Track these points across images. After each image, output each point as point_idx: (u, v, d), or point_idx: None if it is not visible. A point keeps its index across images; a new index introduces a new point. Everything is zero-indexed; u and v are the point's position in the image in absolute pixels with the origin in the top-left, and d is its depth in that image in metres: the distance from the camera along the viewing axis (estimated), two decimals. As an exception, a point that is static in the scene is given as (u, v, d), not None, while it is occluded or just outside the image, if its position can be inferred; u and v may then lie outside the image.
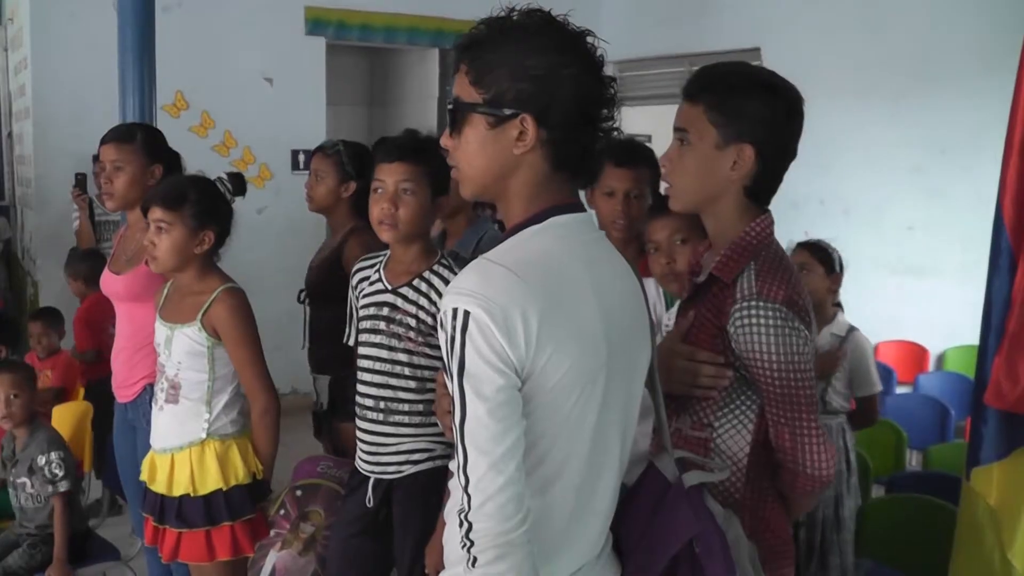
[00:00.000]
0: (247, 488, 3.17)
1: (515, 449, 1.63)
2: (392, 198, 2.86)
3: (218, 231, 3.17)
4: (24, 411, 3.93)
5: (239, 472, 3.15)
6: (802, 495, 2.18)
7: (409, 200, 2.86)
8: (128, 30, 4.88)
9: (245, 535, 3.18)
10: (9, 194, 9.39)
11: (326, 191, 3.92)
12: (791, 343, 2.04)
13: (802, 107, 2.16)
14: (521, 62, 1.72)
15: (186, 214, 3.10)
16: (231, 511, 3.14)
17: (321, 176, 3.93)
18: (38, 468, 3.85)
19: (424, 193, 2.88)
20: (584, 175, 1.86)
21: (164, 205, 3.10)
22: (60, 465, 3.81)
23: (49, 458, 3.83)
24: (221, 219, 3.18)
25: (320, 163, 3.94)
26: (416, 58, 9.13)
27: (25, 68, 7.65)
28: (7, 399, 3.88)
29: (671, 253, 2.86)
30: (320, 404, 3.90)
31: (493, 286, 1.64)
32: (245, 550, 3.19)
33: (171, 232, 3.09)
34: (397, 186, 2.87)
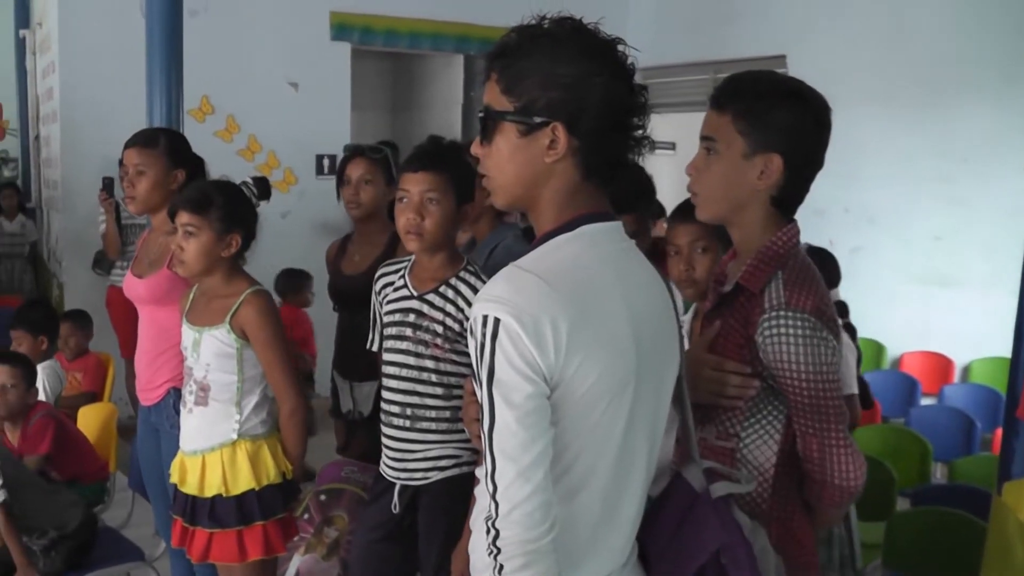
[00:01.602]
0: (278, 488, 3.19)
1: (543, 457, 1.63)
2: (417, 208, 2.86)
3: (244, 234, 3.18)
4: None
5: (270, 472, 3.17)
6: (830, 506, 2.16)
7: (434, 209, 2.86)
8: (156, 35, 4.90)
9: (277, 534, 3.19)
10: (36, 197, 9.44)
11: (377, 196, 3.90)
12: (819, 353, 2.03)
13: (830, 117, 2.15)
14: (552, 70, 1.71)
15: (213, 218, 3.12)
16: (263, 510, 3.15)
17: (368, 180, 3.90)
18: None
19: (449, 201, 2.88)
20: (615, 183, 1.84)
21: (191, 209, 3.12)
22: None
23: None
24: (247, 223, 3.20)
25: (365, 168, 3.91)
26: (441, 63, 9.14)
27: (53, 72, 7.70)
28: None
29: (691, 260, 2.86)
30: (358, 413, 3.86)
31: (524, 294, 1.64)
32: (277, 549, 3.20)
33: (198, 236, 3.11)
34: (422, 196, 2.86)
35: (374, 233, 3.92)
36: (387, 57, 9.70)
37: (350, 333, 3.87)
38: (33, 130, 9.44)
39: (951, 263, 6.90)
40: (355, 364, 3.83)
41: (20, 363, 4.31)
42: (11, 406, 4.18)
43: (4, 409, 4.16)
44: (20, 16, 10.14)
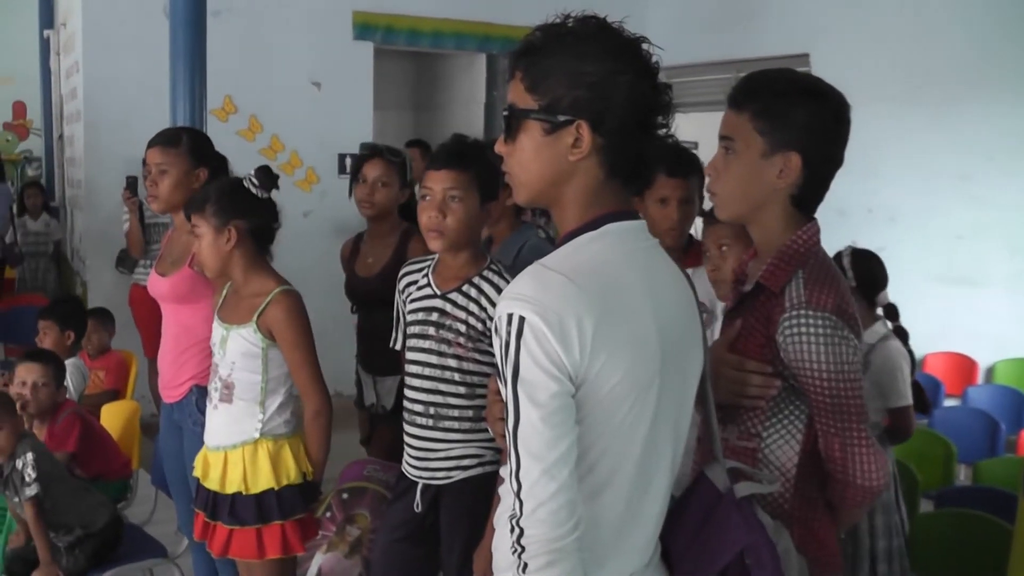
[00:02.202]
0: (299, 488, 3.19)
1: (568, 455, 1.63)
2: (440, 206, 2.85)
3: (246, 226, 3.19)
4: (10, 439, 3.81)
5: (291, 472, 3.18)
6: (852, 506, 2.15)
7: (456, 207, 2.85)
8: (179, 35, 4.93)
9: (295, 534, 3.20)
10: (59, 196, 9.50)
11: (391, 198, 3.91)
12: (841, 352, 2.02)
13: (848, 114, 2.14)
14: (577, 68, 1.72)
15: (208, 214, 3.17)
16: (282, 510, 3.16)
17: (385, 183, 3.92)
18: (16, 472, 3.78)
19: (472, 200, 2.87)
20: (639, 182, 1.85)
21: (191, 210, 3.22)
22: (34, 467, 3.74)
23: (26, 460, 3.75)
24: (246, 214, 3.20)
25: (383, 170, 3.93)
26: (463, 63, 9.16)
27: (77, 72, 7.75)
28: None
29: (716, 261, 2.92)
30: (381, 407, 3.88)
31: (549, 292, 1.64)
32: (295, 549, 3.21)
33: (202, 235, 3.18)
34: (444, 194, 2.86)
35: (385, 233, 3.96)
36: (409, 56, 9.72)
37: (369, 332, 3.90)
38: (57, 129, 9.50)
39: (974, 263, 6.86)
40: (378, 359, 3.86)
41: (51, 362, 4.36)
42: (42, 404, 4.22)
43: (35, 407, 4.19)
44: (44, 16, 10.20)
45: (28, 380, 4.23)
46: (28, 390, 4.21)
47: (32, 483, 3.72)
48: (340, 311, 7.24)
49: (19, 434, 3.86)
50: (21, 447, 3.79)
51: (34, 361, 4.31)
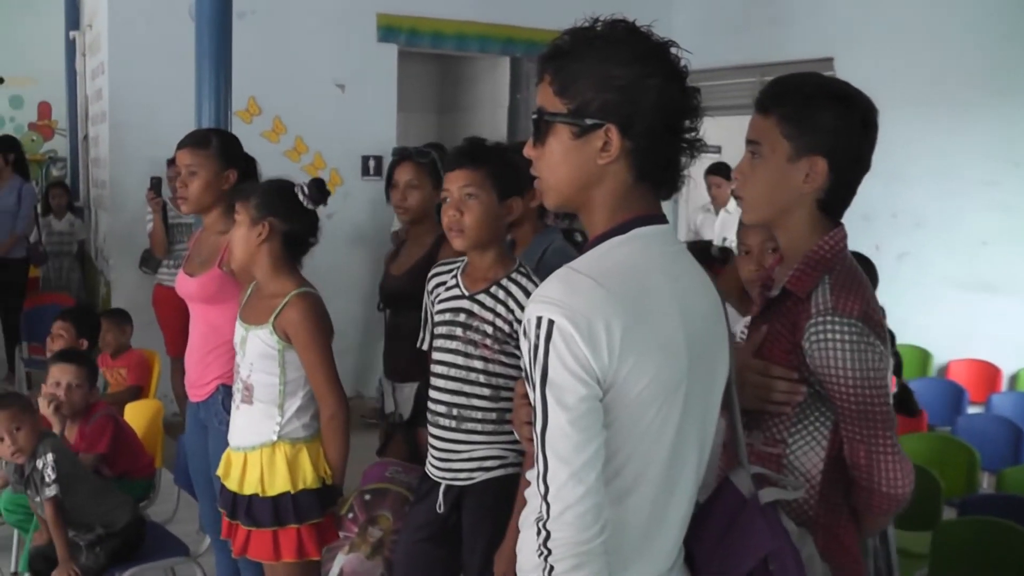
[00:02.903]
0: (316, 493, 3.20)
1: (596, 459, 1.63)
2: (457, 205, 2.88)
3: (282, 228, 3.20)
4: (31, 440, 3.85)
5: (307, 476, 3.18)
6: (878, 514, 2.14)
7: (473, 205, 2.87)
8: (205, 37, 4.96)
9: (311, 539, 3.20)
10: (84, 196, 9.55)
11: (424, 199, 3.92)
12: (867, 359, 2.01)
13: (876, 118, 2.13)
14: (606, 72, 1.72)
15: (251, 205, 3.20)
16: (298, 514, 3.17)
17: (415, 185, 3.91)
18: (36, 472, 3.81)
19: (488, 197, 2.88)
20: (667, 186, 1.85)
21: (237, 198, 3.25)
22: (54, 468, 3.76)
23: (46, 461, 3.77)
24: (285, 216, 3.22)
25: (412, 172, 3.92)
26: (487, 66, 9.16)
27: (102, 73, 7.79)
28: (10, 433, 3.81)
29: (762, 260, 2.91)
30: (399, 415, 3.86)
31: (578, 295, 1.64)
32: (310, 553, 3.21)
33: (239, 223, 3.21)
34: (461, 192, 2.88)
35: (423, 235, 3.94)
36: (433, 59, 9.73)
37: (392, 334, 3.89)
38: (82, 130, 9.55)
39: (998, 269, 6.81)
40: (398, 365, 3.85)
41: (84, 363, 4.40)
42: (75, 405, 4.25)
43: (68, 408, 4.23)
44: (70, 18, 10.26)
45: (62, 381, 4.26)
46: (62, 391, 4.24)
47: (52, 483, 3.74)
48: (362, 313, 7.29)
49: (39, 434, 3.88)
50: (42, 447, 3.81)
51: (68, 362, 4.34)
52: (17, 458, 3.83)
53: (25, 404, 4.01)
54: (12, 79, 12.89)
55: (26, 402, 4.07)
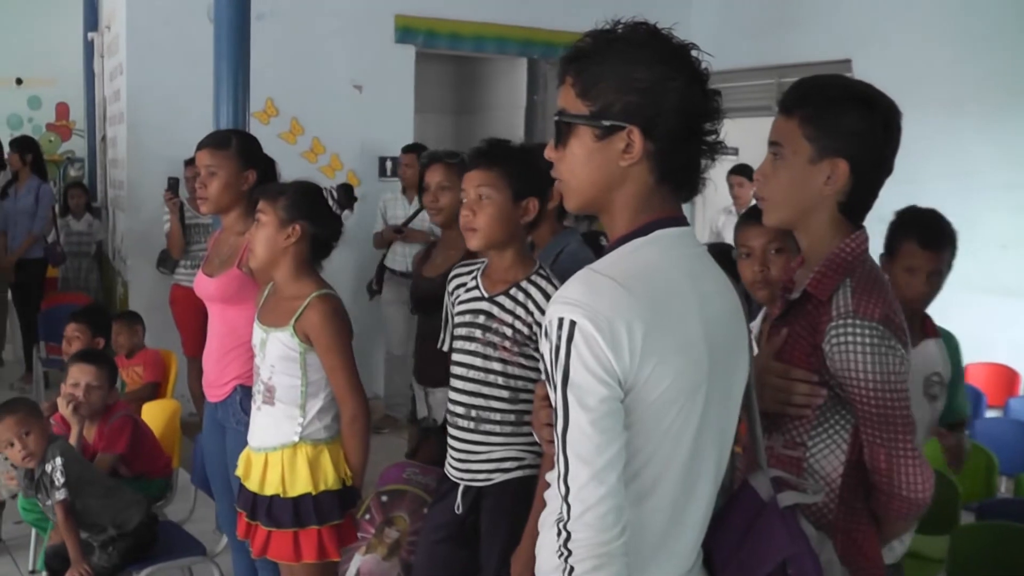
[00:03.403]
0: (337, 494, 3.20)
1: (617, 460, 1.64)
2: (472, 205, 2.89)
3: (311, 231, 3.21)
4: (40, 444, 3.84)
5: (329, 478, 3.18)
6: (897, 518, 2.13)
7: (486, 204, 2.88)
8: (224, 39, 4.96)
9: (332, 540, 3.20)
10: (101, 196, 9.59)
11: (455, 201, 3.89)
12: (888, 362, 2.00)
13: (899, 121, 2.13)
14: (628, 74, 1.72)
15: (279, 206, 3.19)
16: (319, 515, 3.17)
17: (446, 186, 3.91)
18: (46, 476, 3.81)
19: (502, 196, 2.89)
20: (688, 188, 1.85)
21: (263, 197, 3.23)
22: (63, 472, 3.77)
23: (55, 464, 3.78)
24: (315, 220, 3.23)
25: (443, 174, 3.92)
26: (504, 67, 9.16)
27: (120, 74, 7.82)
28: (20, 438, 3.81)
29: (765, 261, 2.90)
30: (432, 419, 3.83)
31: (599, 297, 1.64)
32: (330, 555, 3.21)
33: (263, 225, 3.19)
34: (475, 192, 2.90)
35: (456, 237, 3.91)
36: (451, 60, 9.73)
37: (426, 337, 3.87)
38: (100, 131, 9.58)
39: (1017, 273, 6.77)
40: (430, 370, 3.83)
41: (104, 363, 4.41)
42: (94, 405, 4.27)
43: (87, 408, 4.24)
44: (89, 19, 10.31)
45: (81, 381, 4.27)
46: (81, 391, 4.25)
47: (61, 487, 3.76)
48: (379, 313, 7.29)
49: (48, 437, 3.89)
50: (51, 451, 3.82)
51: (87, 362, 4.36)
52: (28, 462, 3.83)
53: (33, 408, 4.01)
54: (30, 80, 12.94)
55: (34, 406, 4.07)
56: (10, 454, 3.87)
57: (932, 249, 3.10)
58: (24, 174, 8.41)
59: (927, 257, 3.08)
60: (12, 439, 3.81)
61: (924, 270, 3.08)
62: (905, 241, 3.08)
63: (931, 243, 3.11)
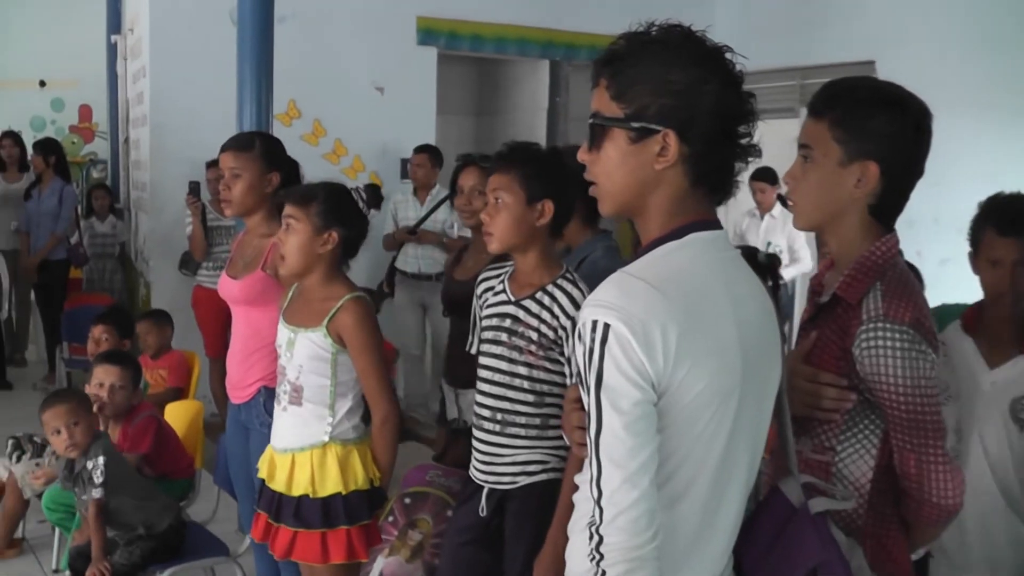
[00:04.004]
0: (365, 494, 3.19)
1: (650, 464, 1.63)
2: (490, 208, 2.89)
3: (344, 235, 3.20)
4: (86, 436, 3.91)
5: (359, 477, 3.17)
6: (927, 525, 2.11)
7: (500, 207, 2.88)
8: (247, 41, 4.98)
9: (360, 540, 3.19)
10: (124, 198, 9.63)
11: None
12: (918, 367, 1.98)
13: (930, 123, 2.11)
14: (663, 77, 1.71)
15: (312, 212, 3.16)
16: (349, 515, 3.15)
17: (482, 191, 3.84)
18: (85, 471, 3.86)
19: (515, 199, 2.87)
20: (722, 191, 1.84)
21: (294, 202, 3.19)
22: (103, 472, 3.81)
23: (96, 463, 3.82)
24: (348, 224, 3.22)
25: (477, 178, 3.90)
26: (526, 69, 9.15)
27: (143, 76, 7.86)
28: (68, 428, 3.87)
29: None
30: (463, 421, 3.81)
31: (633, 300, 1.64)
32: (359, 555, 3.20)
33: (297, 230, 3.16)
34: (491, 195, 2.90)
35: None
36: (472, 62, 9.73)
37: (457, 339, 3.87)
38: (123, 133, 9.62)
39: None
40: (461, 371, 3.82)
41: (129, 364, 4.43)
42: (118, 406, 4.29)
43: (111, 409, 4.27)
44: (112, 22, 10.35)
45: (106, 382, 4.29)
46: (105, 391, 4.27)
47: (99, 486, 3.79)
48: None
49: (94, 433, 3.93)
50: (95, 448, 3.85)
51: (112, 363, 4.37)
52: (70, 452, 3.88)
53: (83, 400, 4.08)
54: (53, 82, 13.05)
55: (84, 398, 4.12)
56: (55, 441, 3.94)
57: (1012, 235, 2.78)
58: (47, 176, 8.46)
59: (1007, 245, 2.78)
60: (60, 427, 3.87)
61: (1007, 260, 2.78)
62: (984, 230, 2.84)
63: (1010, 229, 2.79)
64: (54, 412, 3.91)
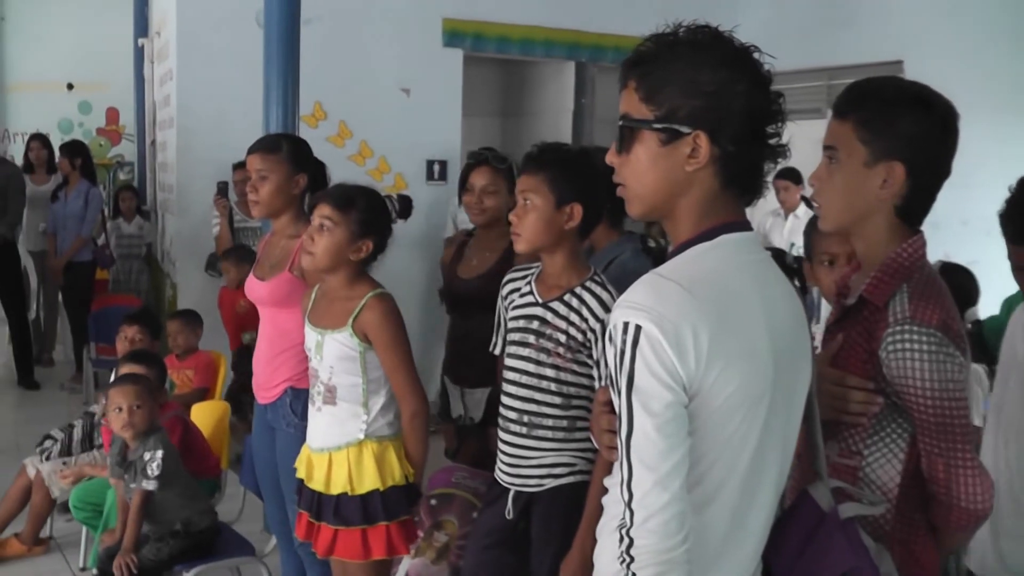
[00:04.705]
0: (402, 490, 3.20)
1: (681, 466, 1.63)
2: (519, 209, 2.88)
3: (376, 244, 3.22)
4: (145, 422, 3.95)
5: (395, 473, 3.19)
6: (956, 530, 2.09)
7: (529, 209, 2.86)
8: (273, 44, 4.99)
9: (400, 536, 3.20)
10: (151, 200, 9.68)
11: (500, 204, 3.88)
12: (946, 370, 1.97)
13: (956, 123, 2.09)
14: (693, 78, 1.71)
15: (351, 218, 3.17)
16: (387, 511, 3.17)
17: (493, 190, 3.89)
18: (140, 463, 3.91)
19: (544, 201, 2.85)
20: (752, 192, 1.83)
21: (333, 204, 3.19)
22: (159, 466, 3.86)
23: (154, 456, 3.88)
24: (381, 233, 3.24)
25: (490, 177, 3.91)
26: (552, 70, 9.14)
27: (170, 79, 7.90)
28: (130, 409, 3.94)
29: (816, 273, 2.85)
30: (469, 419, 3.85)
31: (665, 301, 1.63)
32: (399, 550, 3.21)
33: (333, 232, 3.16)
34: (521, 196, 2.89)
35: (494, 239, 3.92)
36: (498, 63, 9.72)
37: (462, 338, 3.87)
38: (149, 135, 9.68)
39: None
40: (466, 371, 3.84)
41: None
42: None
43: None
44: (139, 25, 10.42)
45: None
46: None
47: (153, 479, 3.86)
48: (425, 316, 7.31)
49: (152, 423, 3.99)
50: (154, 440, 3.92)
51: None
52: (125, 431, 3.94)
53: (153, 389, 4.15)
54: (81, 85, 13.13)
55: (154, 386, 4.20)
56: (113, 419, 4.00)
57: None
58: (74, 178, 8.52)
59: None
60: (123, 406, 3.96)
61: None
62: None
63: None
64: (122, 391, 4.00)
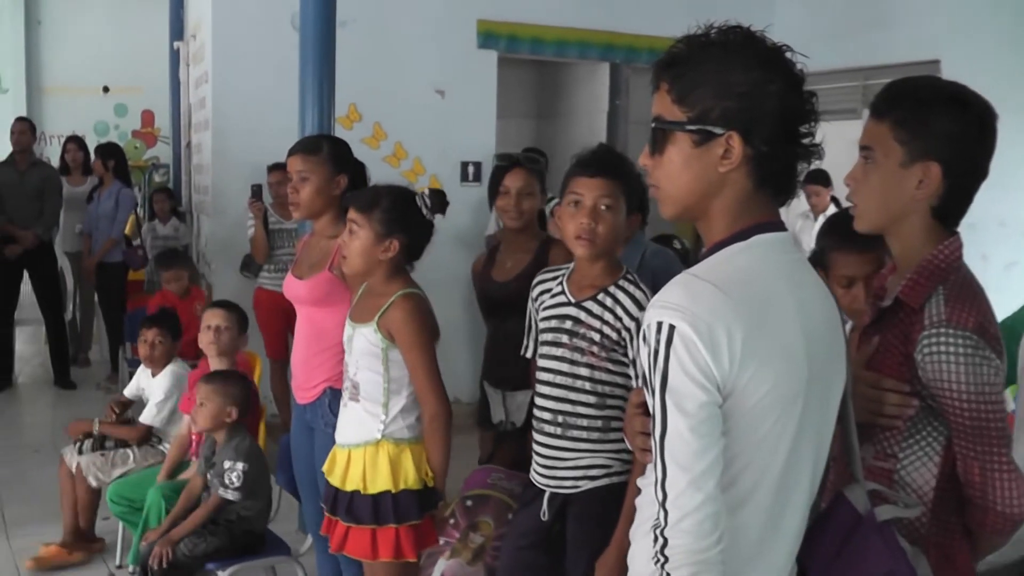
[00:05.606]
0: (416, 494, 3.20)
1: (715, 467, 1.63)
2: (591, 213, 2.84)
3: (406, 241, 3.23)
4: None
5: (409, 477, 3.19)
6: (992, 534, 2.08)
7: (608, 216, 2.85)
8: (309, 46, 5.02)
9: (409, 540, 3.20)
10: (186, 201, 9.77)
11: (535, 207, 3.90)
12: (982, 373, 1.96)
13: (994, 123, 2.08)
14: (725, 79, 1.71)
15: (374, 219, 3.19)
16: (397, 514, 3.17)
17: (530, 192, 3.90)
18: (222, 469, 3.99)
19: (621, 209, 2.87)
20: (785, 192, 1.83)
21: (356, 206, 3.23)
22: (240, 478, 3.94)
23: (235, 466, 3.96)
24: (410, 230, 3.24)
25: (525, 180, 3.91)
26: (586, 72, 9.12)
27: (206, 82, 7.95)
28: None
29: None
30: (511, 423, 3.84)
31: (699, 302, 1.63)
32: (406, 554, 3.20)
33: (358, 235, 3.20)
34: (597, 201, 2.84)
35: (525, 240, 3.93)
36: (533, 65, 9.72)
37: (502, 341, 3.86)
38: (185, 137, 9.76)
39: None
40: (507, 373, 3.83)
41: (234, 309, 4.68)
42: (223, 345, 4.51)
43: (217, 348, 4.49)
44: (175, 28, 10.50)
45: (212, 324, 4.52)
46: (212, 332, 4.50)
47: (231, 490, 3.96)
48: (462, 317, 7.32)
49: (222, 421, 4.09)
50: (239, 449, 4.02)
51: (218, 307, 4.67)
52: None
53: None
54: (117, 88, 13.28)
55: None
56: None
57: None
58: (108, 179, 8.63)
59: None
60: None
61: None
62: None
63: None
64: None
